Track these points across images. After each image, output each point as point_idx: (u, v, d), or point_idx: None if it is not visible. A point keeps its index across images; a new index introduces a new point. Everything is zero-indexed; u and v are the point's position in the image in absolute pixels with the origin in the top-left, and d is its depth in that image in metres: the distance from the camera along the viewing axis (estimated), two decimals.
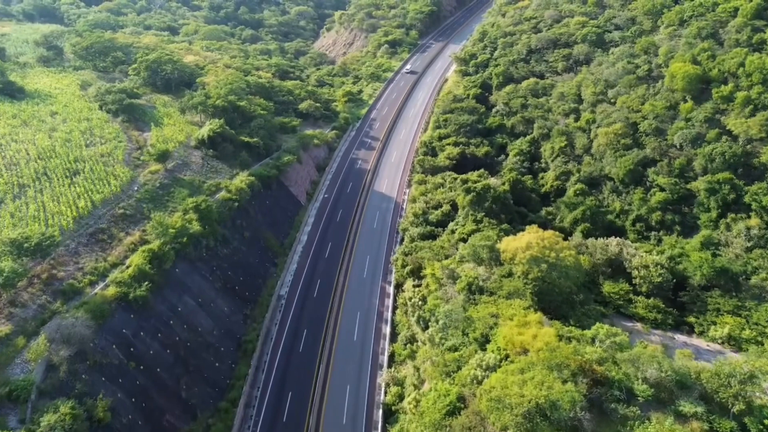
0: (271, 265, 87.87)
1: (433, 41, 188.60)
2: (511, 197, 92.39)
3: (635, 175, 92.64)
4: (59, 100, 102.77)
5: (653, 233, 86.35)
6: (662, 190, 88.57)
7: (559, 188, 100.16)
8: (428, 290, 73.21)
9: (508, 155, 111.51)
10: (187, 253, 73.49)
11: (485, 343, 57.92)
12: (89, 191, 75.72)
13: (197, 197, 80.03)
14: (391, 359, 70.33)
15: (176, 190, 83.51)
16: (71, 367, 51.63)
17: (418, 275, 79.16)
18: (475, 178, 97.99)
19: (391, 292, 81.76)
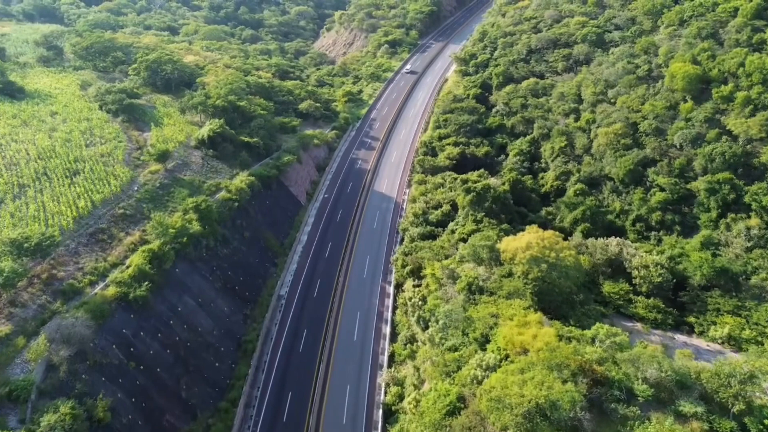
0: (271, 265, 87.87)
1: (433, 41, 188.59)
2: (511, 197, 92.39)
3: (635, 175, 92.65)
4: (59, 100, 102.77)
5: (653, 233, 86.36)
6: (662, 190, 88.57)
7: (559, 188, 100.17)
8: (428, 290, 73.21)
9: (508, 155, 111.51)
10: (187, 253, 73.48)
11: (485, 343, 57.92)
12: (89, 191, 75.72)
13: (197, 197, 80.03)
14: (391, 359, 70.32)
15: (176, 190, 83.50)
16: (71, 367, 51.62)
17: (418, 275, 79.15)
18: (475, 178, 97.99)
19: (391, 292, 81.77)
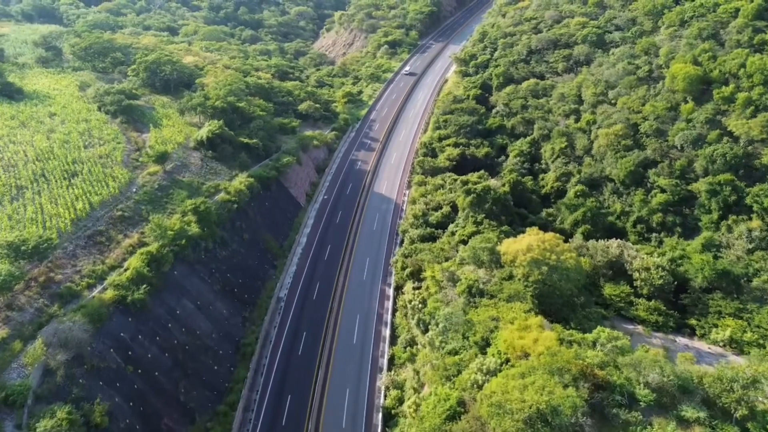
0: (270, 267, 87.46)
1: (433, 42, 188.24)
2: (511, 199, 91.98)
3: (636, 176, 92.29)
4: (58, 101, 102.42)
5: (654, 235, 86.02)
6: (663, 191, 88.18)
7: (559, 189, 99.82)
8: (428, 293, 72.81)
9: (508, 156, 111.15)
10: (185, 255, 73.07)
11: (486, 346, 57.51)
12: (87, 193, 75.35)
13: (196, 199, 79.57)
14: (390, 362, 69.89)
15: (175, 191, 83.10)
16: (68, 371, 51.22)
17: (418, 277, 78.79)
18: (475, 179, 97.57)
19: (390, 294, 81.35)
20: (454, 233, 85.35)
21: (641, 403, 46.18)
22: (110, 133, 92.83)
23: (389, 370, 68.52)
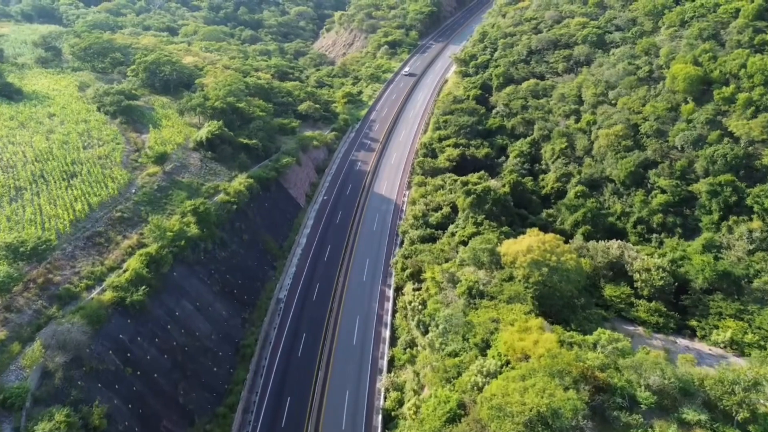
0: (269, 268, 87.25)
1: (433, 42, 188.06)
2: (511, 199, 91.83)
3: (636, 176, 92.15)
4: (57, 101, 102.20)
5: (654, 235, 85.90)
6: (663, 192, 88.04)
7: (559, 190, 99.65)
8: (428, 294, 72.58)
9: (508, 157, 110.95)
10: (185, 256, 72.83)
11: (486, 348, 57.28)
12: (86, 194, 75.11)
13: (195, 200, 79.28)
14: (390, 364, 69.66)
15: (174, 192, 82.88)
16: (67, 373, 50.96)
17: (418, 278, 78.56)
18: (475, 180, 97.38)
19: (390, 295, 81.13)
20: (454, 234, 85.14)
21: (642, 405, 45.94)
22: (109, 133, 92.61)
23: (389, 371, 68.29)
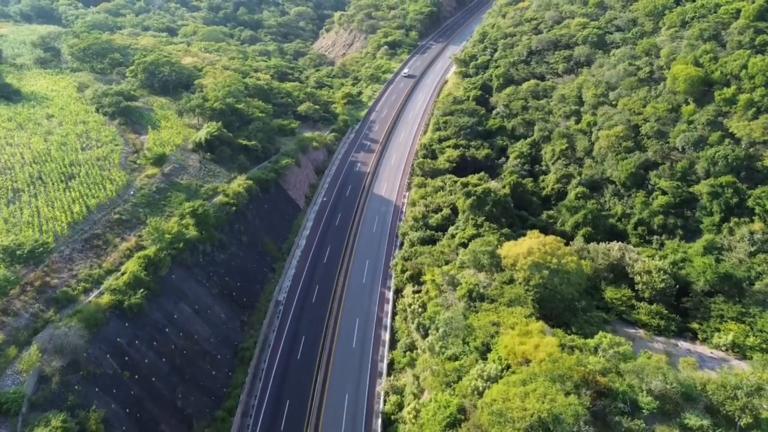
0: (269, 270, 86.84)
1: (433, 42, 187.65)
2: (511, 201, 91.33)
3: (637, 178, 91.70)
4: (56, 102, 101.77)
5: (655, 237, 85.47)
6: (664, 193, 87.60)
7: (560, 191, 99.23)
8: (428, 297, 72.18)
9: (508, 158, 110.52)
10: (183, 259, 72.43)
11: (486, 352, 56.89)
12: (84, 196, 74.69)
13: (194, 202, 78.81)
14: (390, 367, 69.27)
15: (173, 194, 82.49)
16: (64, 378, 50.49)
17: (417, 281, 78.16)
18: (475, 181, 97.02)
19: (390, 297, 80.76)
20: (454, 236, 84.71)
21: (644, 410, 45.57)
22: (108, 134, 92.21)
23: (389, 374, 67.92)
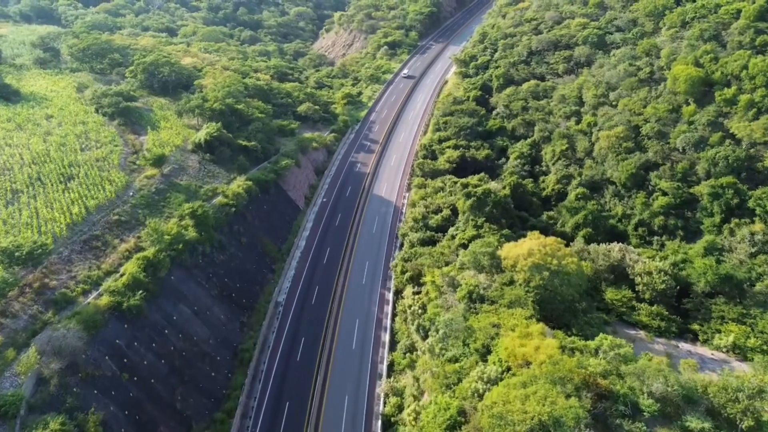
0: (268, 271, 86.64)
1: (433, 42, 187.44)
2: (511, 202, 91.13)
3: (637, 179, 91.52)
4: (55, 103, 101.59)
5: (656, 238, 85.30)
6: (665, 194, 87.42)
7: (560, 192, 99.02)
8: (428, 298, 71.96)
9: (508, 158, 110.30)
10: (182, 260, 72.24)
11: (486, 354, 56.66)
12: (84, 197, 74.51)
13: (193, 203, 78.62)
14: (390, 368, 69.04)
15: (172, 195, 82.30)
16: (62, 380, 50.30)
17: (417, 282, 77.96)
18: (475, 182, 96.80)
19: (390, 298, 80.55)
20: (454, 237, 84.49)
21: (645, 413, 45.32)
22: (107, 135, 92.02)
23: (389, 376, 67.69)
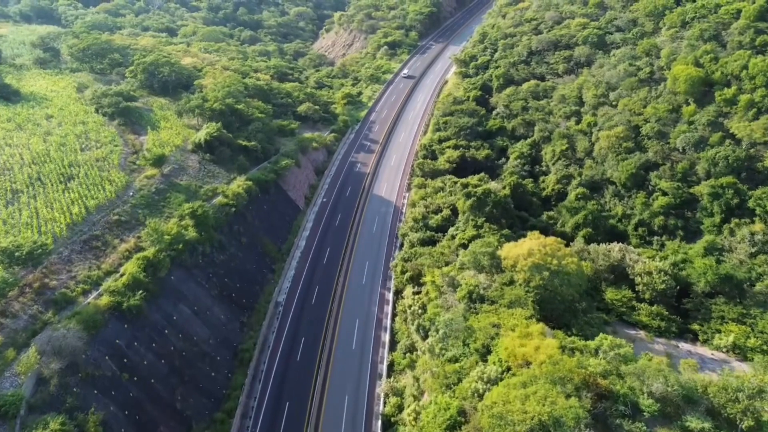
0: (268, 271, 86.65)
1: (433, 42, 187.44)
2: (511, 202, 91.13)
3: (637, 179, 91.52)
4: (55, 103, 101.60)
5: (656, 238, 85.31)
6: (665, 194, 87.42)
7: (560, 192, 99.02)
8: (428, 298, 71.97)
9: (508, 158, 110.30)
10: (182, 260, 72.24)
11: (486, 354, 56.66)
12: (83, 197, 74.52)
13: (193, 203, 78.62)
14: (390, 368, 69.04)
15: (172, 195, 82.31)
16: (62, 380, 50.30)
17: (417, 282, 77.96)
18: (475, 182, 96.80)
19: (390, 298, 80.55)
20: (454, 237, 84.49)
21: (645, 413, 45.32)
22: (107, 135, 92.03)
23: (389, 376, 67.70)
